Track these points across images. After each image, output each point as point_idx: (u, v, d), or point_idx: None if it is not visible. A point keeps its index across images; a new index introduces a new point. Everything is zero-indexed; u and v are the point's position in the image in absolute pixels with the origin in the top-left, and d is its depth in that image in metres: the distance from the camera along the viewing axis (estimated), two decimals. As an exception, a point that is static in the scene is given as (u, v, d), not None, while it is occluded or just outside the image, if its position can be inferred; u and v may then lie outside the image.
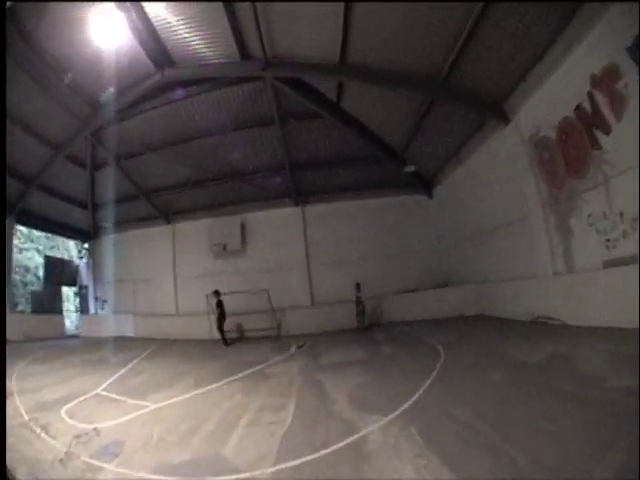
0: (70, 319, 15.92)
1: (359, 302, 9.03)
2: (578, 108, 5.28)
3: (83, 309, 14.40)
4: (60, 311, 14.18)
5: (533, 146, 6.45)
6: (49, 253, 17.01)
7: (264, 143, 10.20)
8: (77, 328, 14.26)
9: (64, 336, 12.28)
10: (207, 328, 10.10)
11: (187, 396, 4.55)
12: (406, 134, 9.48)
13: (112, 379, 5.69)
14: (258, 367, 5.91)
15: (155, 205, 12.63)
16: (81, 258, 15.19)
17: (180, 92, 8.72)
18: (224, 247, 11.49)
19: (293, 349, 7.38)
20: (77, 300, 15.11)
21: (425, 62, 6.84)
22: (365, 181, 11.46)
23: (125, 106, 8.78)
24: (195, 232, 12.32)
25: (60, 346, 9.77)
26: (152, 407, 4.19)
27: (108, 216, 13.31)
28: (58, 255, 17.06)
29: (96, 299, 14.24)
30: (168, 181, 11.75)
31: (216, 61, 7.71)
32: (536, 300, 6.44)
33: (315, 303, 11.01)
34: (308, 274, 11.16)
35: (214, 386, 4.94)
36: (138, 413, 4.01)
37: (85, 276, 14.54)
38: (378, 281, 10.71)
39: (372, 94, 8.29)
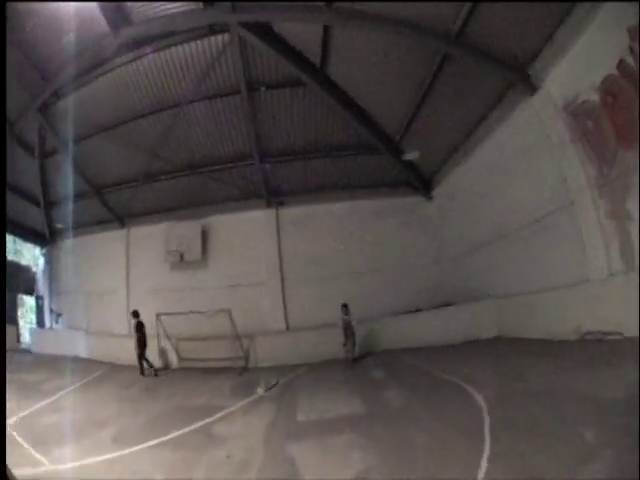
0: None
1: (347, 327, 6.97)
2: (621, 64, 4.34)
3: (39, 321, 12.87)
4: (15, 322, 12.73)
5: (571, 116, 5.22)
6: (13, 258, 15.69)
7: (228, 123, 8.09)
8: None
9: (16, 350, 10.76)
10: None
11: (87, 462, 3.41)
12: (404, 114, 7.51)
13: (27, 412, 4.95)
14: (207, 420, 4.46)
15: (108, 204, 10.69)
16: (37, 265, 13.69)
17: (135, 53, 6.76)
18: (181, 257, 9.52)
19: (261, 390, 5.67)
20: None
21: (434, 12, 5.13)
22: (354, 177, 9.41)
23: (76, 74, 6.85)
24: (151, 238, 10.18)
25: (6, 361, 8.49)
26: (41, 469, 3.27)
27: (62, 216, 11.64)
28: (23, 262, 15.65)
29: (51, 311, 12.62)
30: (120, 173, 9.61)
31: (176, 10, 5.84)
32: (585, 311, 5.15)
33: (291, 328, 8.94)
34: (282, 292, 9.04)
35: (130, 450, 3.68)
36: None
37: (41, 285, 13.01)
38: (370, 301, 8.64)
39: (364, 59, 6.36)
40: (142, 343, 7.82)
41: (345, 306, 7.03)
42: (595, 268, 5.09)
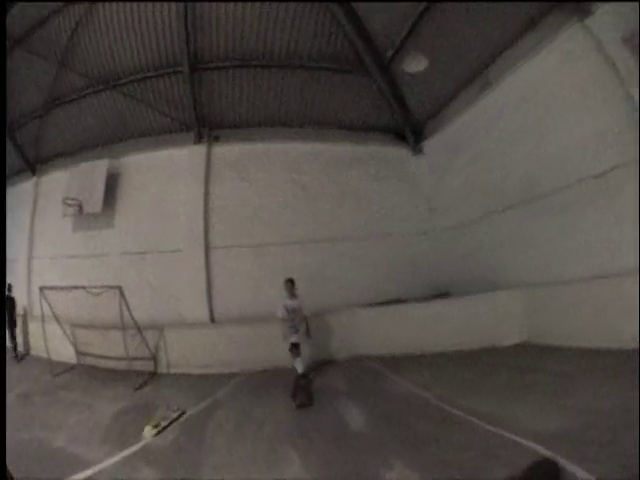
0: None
1: (294, 318, 4.29)
2: None
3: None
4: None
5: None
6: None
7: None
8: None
9: None
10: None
11: None
12: (403, 21, 5.20)
13: None
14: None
15: (17, 144, 8.27)
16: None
17: None
18: (80, 208, 6.91)
19: (149, 432, 3.39)
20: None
21: None
22: (321, 107, 6.69)
23: None
24: (60, 189, 7.56)
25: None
26: None
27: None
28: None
29: None
30: (26, 96, 7.27)
31: None
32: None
33: (217, 319, 6.10)
34: (205, 265, 6.12)
35: None
36: None
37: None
38: (331, 283, 6.13)
39: None
40: (10, 321, 6.55)
41: (291, 282, 4.32)
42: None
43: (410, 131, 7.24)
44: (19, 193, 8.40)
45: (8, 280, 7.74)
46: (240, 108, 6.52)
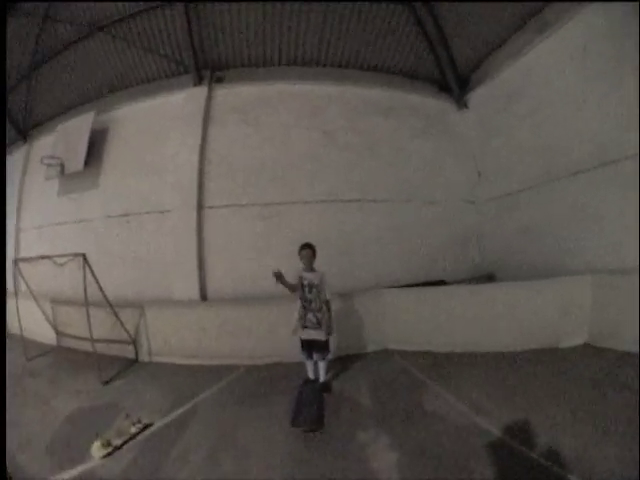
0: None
1: (310, 299, 2.98)
2: None
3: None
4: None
5: None
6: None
7: None
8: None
9: None
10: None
11: None
12: None
13: None
14: None
15: (7, 111, 7.43)
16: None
17: None
18: (61, 168, 5.96)
19: (96, 451, 2.35)
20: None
21: None
22: (346, 43, 5.31)
23: None
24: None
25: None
26: None
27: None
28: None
29: None
30: (12, 59, 6.31)
31: None
32: None
33: (210, 297, 4.83)
34: (197, 229, 4.77)
35: None
36: None
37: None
38: (360, 255, 4.81)
39: None
40: None
41: (310, 249, 3.05)
42: None
43: (454, 80, 5.78)
44: (10, 164, 7.73)
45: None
46: (249, 45, 5.29)
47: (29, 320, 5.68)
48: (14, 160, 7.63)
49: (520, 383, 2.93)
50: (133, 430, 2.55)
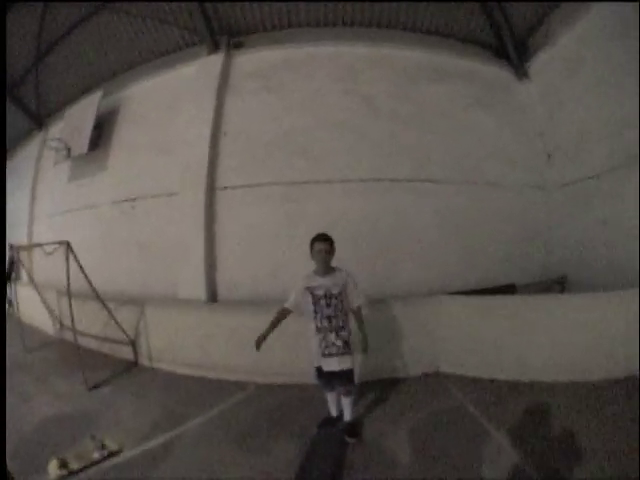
0: None
1: (329, 315, 2.11)
2: None
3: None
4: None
5: None
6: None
7: None
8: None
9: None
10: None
11: None
12: None
13: None
14: None
15: (20, 102, 6.81)
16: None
17: None
18: (68, 152, 5.37)
19: (53, 470, 1.98)
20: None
21: None
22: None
23: None
24: None
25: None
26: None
27: None
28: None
29: None
30: (19, 49, 5.98)
31: None
32: None
33: (220, 298, 3.95)
34: (207, 212, 3.90)
35: None
36: None
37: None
38: (406, 249, 3.86)
39: None
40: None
41: (326, 241, 2.14)
42: None
43: (511, 44, 4.76)
44: (26, 153, 7.50)
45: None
46: (271, 4, 4.55)
47: (36, 310, 5.37)
48: (30, 148, 7.45)
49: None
50: (96, 456, 2.09)
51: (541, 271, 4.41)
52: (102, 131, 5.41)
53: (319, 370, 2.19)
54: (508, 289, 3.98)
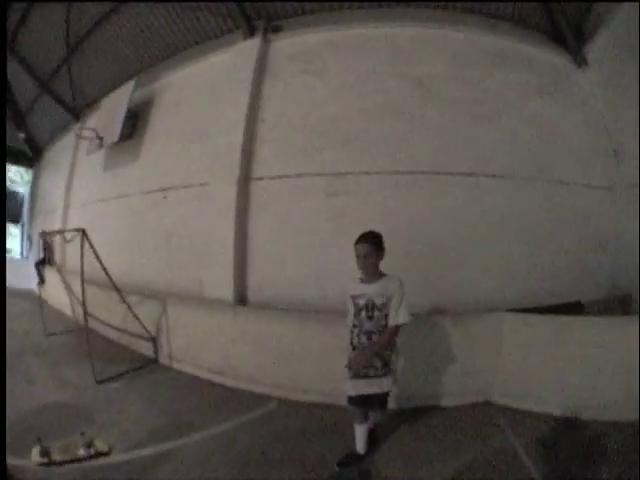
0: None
1: (370, 327, 1.78)
2: None
3: (22, 251, 11.06)
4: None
5: None
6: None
7: None
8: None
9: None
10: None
11: None
12: None
13: None
14: None
15: (55, 93, 7.19)
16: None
17: None
18: (100, 141, 5.32)
19: (35, 455, 1.97)
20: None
21: None
22: None
23: None
24: None
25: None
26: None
27: (33, 126, 9.11)
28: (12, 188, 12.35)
29: (28, 238, 10.60)
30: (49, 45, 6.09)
31: None
32: None
33: (250, 300, 3.56)
34: (238, 205, 3.52)
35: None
36: None
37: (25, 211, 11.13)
38: (463, 252, 3.33)
39: None
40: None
41: (371, 243, 1.79)
42: None
43: (567, 28, 4.20)
44: (64, 144, 7.69)
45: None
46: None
47: (61, 295, 5.41)
48: (67, 139, 7.61)
49: None
50: (81, 452, 2.02)
51: (608, 286, 3.80)
52: (137, 121, 5.37)
53: (354, 398, 1.84)
54: (575, 308, 3.40)
